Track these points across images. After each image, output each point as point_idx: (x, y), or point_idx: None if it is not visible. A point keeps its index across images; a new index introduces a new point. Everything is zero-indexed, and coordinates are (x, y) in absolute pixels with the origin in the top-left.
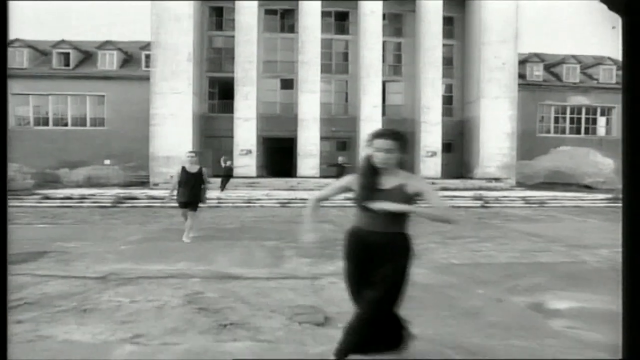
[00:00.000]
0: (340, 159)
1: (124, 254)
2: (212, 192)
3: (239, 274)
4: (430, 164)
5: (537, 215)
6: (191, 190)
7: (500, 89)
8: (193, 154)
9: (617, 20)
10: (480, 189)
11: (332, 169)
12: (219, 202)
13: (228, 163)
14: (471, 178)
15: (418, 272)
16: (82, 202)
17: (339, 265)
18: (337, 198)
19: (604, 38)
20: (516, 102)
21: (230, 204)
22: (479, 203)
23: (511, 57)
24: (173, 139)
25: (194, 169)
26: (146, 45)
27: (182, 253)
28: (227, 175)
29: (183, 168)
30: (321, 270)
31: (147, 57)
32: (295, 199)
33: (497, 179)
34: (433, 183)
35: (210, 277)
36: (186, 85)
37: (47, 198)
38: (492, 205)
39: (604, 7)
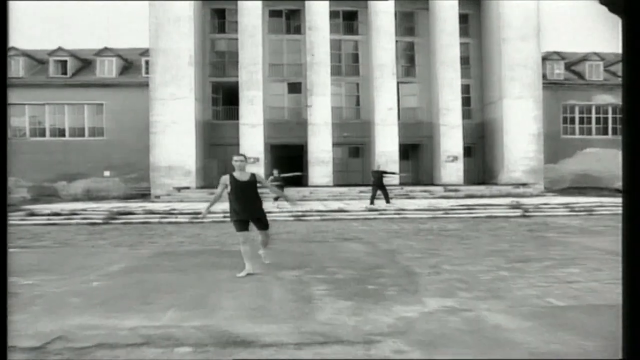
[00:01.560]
0: (377, 165)
1: (94, 296)
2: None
3: (252, 336)
4: (452, 170)
5: (594, 226)
6: (250, 204)
7: (524, 87)
8: (242, 158)
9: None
10: (508, 195)
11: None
12: (224, 217)
13: (275, 173)
14: (495, 184)
15: (515, 326)
16: (70, 219)
17: (398, 313)
18: (355, 208)
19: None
20: (541, 102)
21: None
22: (518, 212)
23: (533, 54)
24: (175, 148)
25: (245, 176)
26: (146, 52)
27: (173, 294)
28: (281, 186)
29: (232, 176)
30: (375, 325)
31: (148, 63)
32: (311, 211)
33: (524, 185)
34: (456, 190)
35: (208, 344)
36: (188, 91)
37: (33, 215)
38: (533, 214)
39: (605, 8)
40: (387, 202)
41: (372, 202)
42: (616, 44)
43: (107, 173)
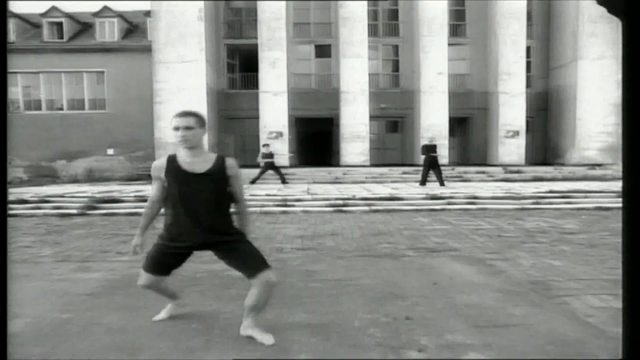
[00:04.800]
0: (429, 138)
1: None
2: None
3: None
4: (512, 147)
5: None
6: (207, 216)
7: (606, 45)
8: (191, 121)
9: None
10: (584, 178)
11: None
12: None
13: (264, 149)
14: (562, 164)
15: None
16: (38, 208)
17: None
18: (411, 195)
19: None
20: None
21: (258, 208)
22: None
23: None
24: None
25: (201, 162)
26: (150, 12)
27: None
28: (272, 166)
29: (171, 161)
30: None
31: None
32: (354, 198)
33: (599, 165)
34: (519, 172)
35: None
36: (197, 52)
37: None
38: None
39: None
40: (441, 184)
41: (423, 183)
42: None
43: (110, 151)
